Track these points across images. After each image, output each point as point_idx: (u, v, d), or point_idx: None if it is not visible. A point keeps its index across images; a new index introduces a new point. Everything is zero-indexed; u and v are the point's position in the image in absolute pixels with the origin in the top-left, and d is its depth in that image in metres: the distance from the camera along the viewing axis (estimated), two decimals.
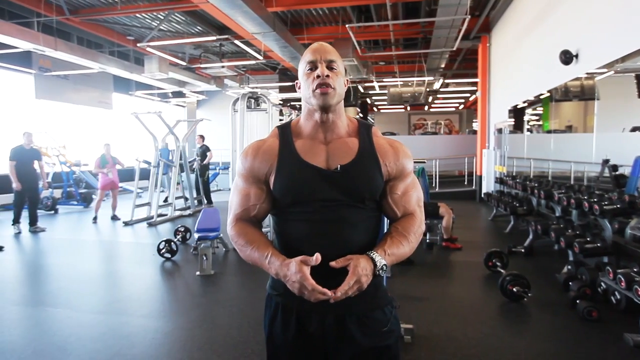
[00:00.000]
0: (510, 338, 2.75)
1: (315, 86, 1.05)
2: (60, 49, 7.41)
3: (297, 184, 1.07)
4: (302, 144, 1.11)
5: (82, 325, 3.01)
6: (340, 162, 1.07)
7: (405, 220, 1.13)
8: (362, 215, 1.09)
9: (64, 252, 5.32)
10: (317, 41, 1.14)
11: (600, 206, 3.51)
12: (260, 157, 1.12)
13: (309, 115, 1.12)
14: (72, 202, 9.15)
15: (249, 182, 1.13)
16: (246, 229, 1.12)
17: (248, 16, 6.18)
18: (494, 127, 8.75)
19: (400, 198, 1.14)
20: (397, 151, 1.14)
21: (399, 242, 1.08)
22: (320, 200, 1.05)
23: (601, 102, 4.57)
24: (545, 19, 5.79)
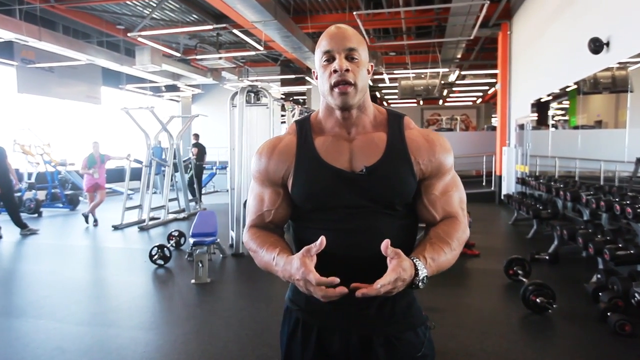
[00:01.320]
0: (533, 354, 2.73)
1: (333, 83, 0.98)
2: (45, 39, 7.46)
3: (316, 189, 1.02)
4: (322, 142, 1.05)
5: (67, 337, 3.02)
6: (365, 163, 1.01)
7: (446, 224, 1.05)
8: (392, 223, 1.03)
9: (48, 259, 5.35)
10: (322, 30, 1.10)
11: (633, 209, 3.48)
12: (276, 157, 1.08)
13: (329, 111, 1.07)
14: (57, 205, 9.21)
15: (264, 185, 1.10)
16: (258, 233, 1.10)
17: (247, 3, 6.19)
18: (515, 123, 8.71)
19: (439, 199, 1.06)
20: (433, 145, 1.05)
21: (441, 249, 0.99)
22: (344, 207, 1.00)
23: (635, 94, 4.52)
24: (572, 4, 5.75)
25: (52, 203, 9.22)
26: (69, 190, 9.67)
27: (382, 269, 0.94)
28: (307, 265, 0.90)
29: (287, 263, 0.95)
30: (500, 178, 9.41)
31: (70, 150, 10.72)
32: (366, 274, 0.94)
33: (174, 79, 12.14)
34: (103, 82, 11.99)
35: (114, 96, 13.22)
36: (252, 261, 1.11)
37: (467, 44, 9.95)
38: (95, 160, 7.26)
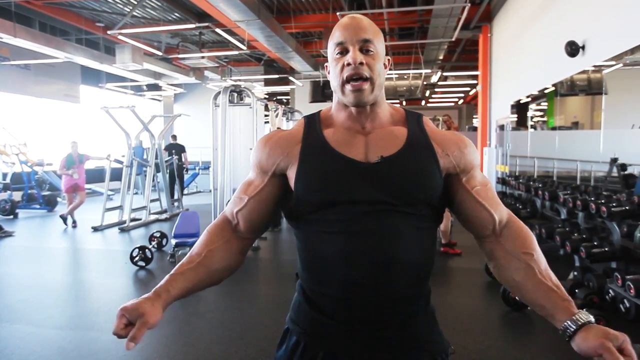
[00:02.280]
0: (513, 350, 2.78)
1: (346, 78, 0.87)
2: (20, 36, 7.26)
3: (327, 181, 0.87)
4: (333, 133, 0.93)
5: (45, 342, 2.94)
6: (382, 153, 0.88)
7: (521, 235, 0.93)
8: (413, 227, 0.88)
9: (24, 261, 5.22)
10: (305, 30, 1.07)
11: (608, 208, 3.58)
12: (273, 142, 0.95)
13: (342, 105, 0.95)
14: (34, 206, 8.98)
15: (254, 172, 0.99)
16: (213, 234, 0.97)
17: (230, 2, 6.15)
18: (495, 124, 8.87)
19: (485, 192, 0.93)
20: (460, 139, 0.95)
21: (550, 272, 0.90)
22: (358, 203, 0.85)
23: (609, 96, 4.66)
24: (549, 8, 5.89)
25: (29, 204, 8.99)
26: (46, 191, 9.43)
27: (409, 279, 0.87)
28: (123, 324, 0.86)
29: (145, 296, 0.89)
30: None
31: (48, 150, 10.47)
32: (388, 286, 0.85)
33: (156, 78, 11.97)
34: (82, 80, 11.75)
35: (94, 95, 12.97)
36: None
37: (448, 46, 10.10)
38: (74, 160, 7.10)
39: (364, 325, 0.88)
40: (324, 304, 0.91)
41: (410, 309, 0.90)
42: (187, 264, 0.91)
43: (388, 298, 0.86)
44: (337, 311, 0.89)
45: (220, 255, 0.95)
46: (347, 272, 0.85)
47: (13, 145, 9.06)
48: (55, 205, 9.12)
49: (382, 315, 0.87)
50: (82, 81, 11.79)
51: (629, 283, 2.82)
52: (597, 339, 0.75)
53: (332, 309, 0.90)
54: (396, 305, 0.88)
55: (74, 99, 11.54)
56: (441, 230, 5.04)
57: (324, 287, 0.90)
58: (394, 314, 0.88)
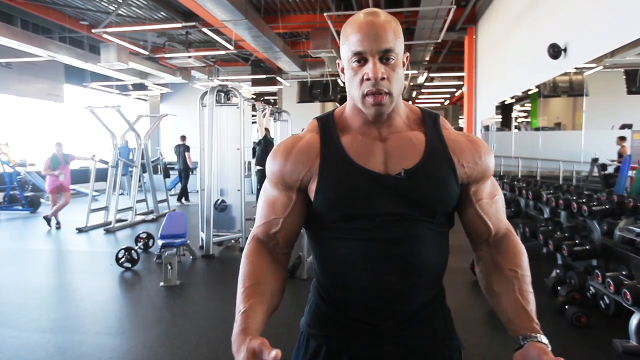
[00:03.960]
0: (497, 347, 2.82)
1: (366, 92, 0.85)
2: (1, 34, 7.11)
3: (347, 195, 0.87)
4: (351, 141, 0.91)
5: (28, 346, 2.89)
6: (403, 166, 0.88)
7: (512, 252, 0.96)
8: (433, 232, 0.91)
9: (6, 263, 5.10)
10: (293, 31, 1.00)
11: (588, 207, 3.65)
12: (294, 157, 0.92)
13: (358, 110, 0.92)
14: (16, 207, 8.80)
15: (277, 189, 0.94)
16: (253, 258, 0.92)
17: (217, 2, 6.12)
18: (480, 124, 8.98)
19: (490, 205, 0.96)
20: (478, 146, 0.94)
21: (530, 294, 0.92)
22: (380, 215, 0.87)
23: (590, 98, 4.76)
24: (533, 11, 5.99)
25: (11, 205, 8.80)
26: (29, 192, 9.25)
27: (429, 282, 0.91)
28: None
29: (238, 336, 0.81)
30: None
31: (31, 150, 10.26)
32: (409, 291, 0.89)
33: (142, 78, 11.83)
34: (66, 79, 11.55)
35: (78, 94, 12.75)
36: (222, 263, 1.08)
37: (435, 47, 10.19)
38: (60, 161, 6.99)
39: (387, 326, 0.90)
40: (346, 308, 0.92)
41: (429, 308, 0.94)
42: (250, 297, 0.86)
43: (411, 301, 0.90)
44: (360, 315, 0.91)
45: (273, 278, 0.92)
46: (372, 278, 0.87)
47: None
48: (38, 207, 8.95)
49: (404, 316, 0.90)
50: (66, 80, 11.58)
51: (609, 280, 2.88)
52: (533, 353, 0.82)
53: (355, 313, 0.91)
54: (417, 306, 0.91)
55: (57, 98, 11.33)
56: None
57: (347, 292, 0.91)
58: (415, 314, 0.91)
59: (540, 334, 0.86)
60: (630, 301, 2.65)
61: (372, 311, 0.90)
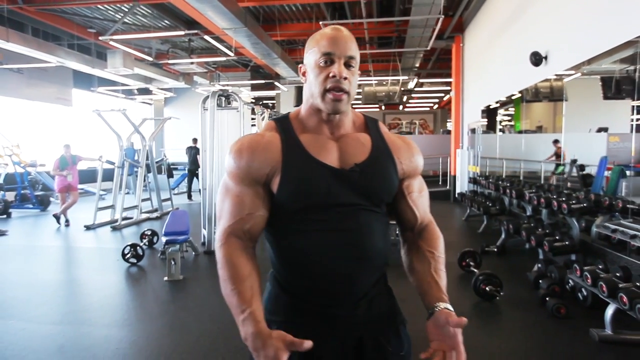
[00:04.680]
0: (483, 337, 2.84)
1: (329, 87, 0.91)
2: (13, 41, 7.04)
3: (310, 187, 0.92)
4: (308, 140, 0.96)
5: (39, 337, 2.87)
6: (355, 161, 0.95)
7: (432, 237, 1.05)
8: (379, 221, 0.98)
9: (17, 259, 5.07)
10: (290, 38, 1.04)
11: (568, 205, 3.68)
12: (260, 153, 0.94)
13: (313, 110, 0.98)
14: (27, 206, 8.74)
15: (244, 184, 0.95)
16: (236, 259, 0.92)
17: (218, 10, 6.10)
18: (467, 127, 9.01)
19: (419, 198, 1.06)
20: (411, 147, 1.05)
21: (443, 272, 1.00)
22: (337, 205, 0.92)
23: (569, 103, 4.79)
24: (516, 21, 6.02)
25: (22, 204, 8.74)
26: (39, 191, 9.18)
27: (376, 266, 0.97)
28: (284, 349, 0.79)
29: (258, 336, 0.81)
30: (454, 178, 9.70)
31: (41, 152, 10.19)
32: (361, 275, 0.94)
33: (147, 82, 11.76)
34: (74, 84, 11.46)
35: (86, 98, 12.66)
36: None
37: (424, 54, 10.22)
38: (68, 162, 6.95)
39: (342, 307, 0.95)
40: (305, 294, 0.96)
41: (376, 288, 1.01)
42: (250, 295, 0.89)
43: (362, 283, 0.95)
44: (318, 299, 0.95)
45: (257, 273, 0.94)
46: (329, 264, 0.91)
47: (6, 147, 8.81)
48: (48, 205, 8.89)
49: (356, 297, 0.95)
50: (75, 85, 11.49)
51: (586, 273, 2.91)
52: (441, 320, 0.89)
53: (313, 298, 0.95)
54: (367, 287, 0.97)
55: (66, 102, 11.25)
56: None
57: (306, 279, 0.95)
58: (365, 295, 0.97)
59: (447, 303, 0.93)
60: (606, 293, 2.67)
61: (329, 295, 0.94)
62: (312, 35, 0.98)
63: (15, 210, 8.44)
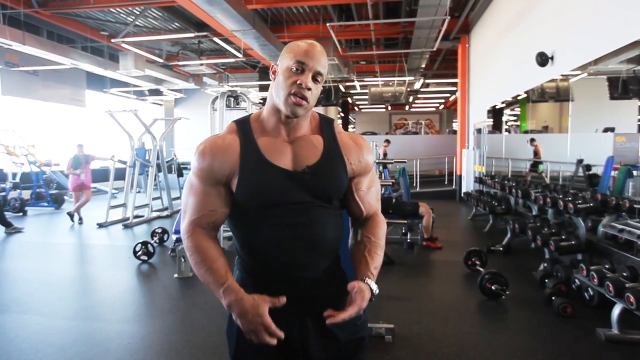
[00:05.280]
0: (489, 335, 2.82)
1: (293, 92, 1.00)
2: (29, 44, 7.13)
3: (264, 188, 1.01)
4: (265, 143, 1.05)
5: (53, 332, 2.91)
6: (306, 163, 1.04)
7: (373, 225, 1.15)
8: (330, 215, 1.08)
9: (33, 256, 5.14)
10: (298, 40, 1.09)
11: (574, 205, 3.64)
12: (220, 156, 1.03)
13: (275, 111, 1.06)
14: (42, 204, 8.85)
15: (207, 184, 1.04)
16: (204, 244, 1.04)
17: (227, 13, 6.11)
18: (473, 127, 8.94)
19: (365, 194, 1.15)
20: (361, 147, 1.13)
21: (377, 254, 1.11)
22: (290, 203, 1.02)
23: (575, 103, 4.73)
24: (522, 22, 5.96)
25: (37, 202, 8.86)
26: (53, 190, 9.29)
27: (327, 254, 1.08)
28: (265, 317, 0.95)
29: (242, 302, 0.97)
30: (460, 177, 9.64)
31: (55, 151, 10.31)
32: (314, 262, 1.05)
33: (157, 84, 11.83)
34: (87, 85, 11.57)
35: (99, 99, 12.78)
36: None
37: (430, 55, 10.14)
38: (81, 161, 7.02)
39: (297, 290, 1.04)
40: (268, 278, 1.07)
41: (329, 272, 1.11)
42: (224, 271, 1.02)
43: (316, 269, 1.06)
44: (277, 282, 1.05)
45: (223, 254, 1.07)
46: (286, 255, 1.02)
47: (22, 147, 8.92)
48: (62, 203, 8.99)
49: (312, 281, 1.06)
50: (88, 86, 11.61)
51: (593, 273, 2.87)
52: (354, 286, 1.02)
53: (275, 282, 1.06)
54: (321, 272, 1.08)
55: (79, 103, 11.37)
56: (423, 226, 5.07)
57: (267, 267, 1.06)
58: (320, 278, 1.07)
59: (370, 279, 1.05)
60: (613, 293, 2.64)
61: (289, 279, 1.05)
62: (289, 43, 1.06)
63: (31, 208, 8.55)
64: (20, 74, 9.31)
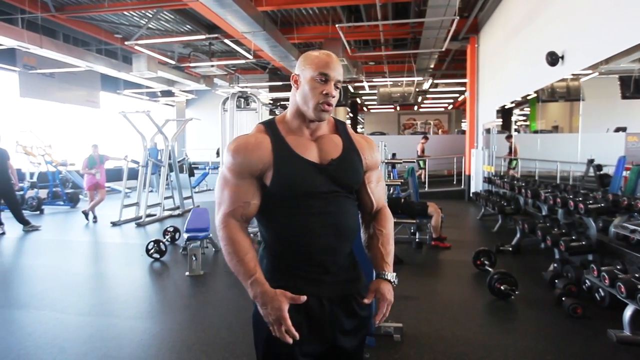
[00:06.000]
0: (498, 335, 2.79)
1: (321, 101, 1.12)
2: (46, 47, 7.27)
3: (297, 179, 1.11)
4: (292, 141, 1.15)
5: (69, 327, 2.96)
6: (331, 157, 1.15)
7: (383, 219, 1.28)
8: (351, 205, 1.21)
9: (50, 253, 5.23)
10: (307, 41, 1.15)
11: (585, 205, 3.58)
12: (255, 151, 1.12)
13: (299, 114, 1.17)
14: (59, 203, 9.00)
15: (241, 177, 1.12)
16: (237, 236, 1.12)
17: (238, 15, 6.15)
18: (482, 127, 8.85)
19: (375, 187, 1.28)
20: (371, 145, 1.27)
21: (389, 245, 1.25)
22: (320, 193, 1.12)
23: (586, 102, 4.66)
24: (532, 21, 5.88)
25: (54, 201, 9.00)
26: (69, 189, 9.44)
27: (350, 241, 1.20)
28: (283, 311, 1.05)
29: (266, 295, 1.07)
30: (469, 177, 9.55)
31: (71, 151, 10.47)
32: (339, 247, 1.16)
33: (169, 85, 11.96)
34: (102, 87, 11.73)
35: (112, 100, 12.94)
36: None
37: (439, 55, 10.07)
38: (96, 161, 7.12)
39: (324, 274, 1.15)
40: (294, 263, 1.15)
41: (349, 258, 1.22)
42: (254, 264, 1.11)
43: (340, 254, 1.17)
44: (305, 267, 1.14)
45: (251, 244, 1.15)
46: (317, 241, 1.11)
47: (39, 147, 9.08)
48: (77, 202, 9.13)
49: (336, 265, 1.16)
50: (102, 88, 11.77)
51: (604, 274, 2.82)
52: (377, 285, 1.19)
53: (301, 266, 1.14)
54: (343, 257, 1.18)
55: (94, 104, 11.53)
56: (432, 226, 5.03)
57: (297, 254, 1.14)
58: (342, 263, 1.18)
59: (388, 272, 1.21)
60: (624, 294, 2.59)
61: (315, 264, 1.13)
62: (306, 54, 1.17)
63: (48, 207, 8.69)
64: (38, 76, 9.48)
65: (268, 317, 1.07)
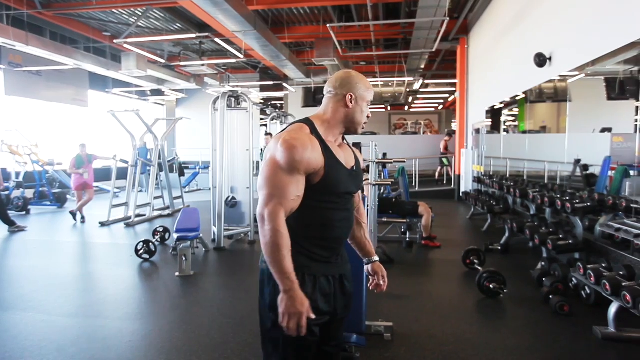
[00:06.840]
0: (487, 333, 2.82)
1: (364, 122, 1.39)
2: (32, 44, 7.13)
3: (340, 181, 1.31)
4: (330, 145, 1.33)
5: (55, 329, 2.91)
6: (351, 164, 1.38)
7: (362, 213, 1.58)
8: (352, 203, 1.45)
9: (36, 254, 5.14)
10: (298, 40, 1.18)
11: (572, 204, 3.63)
12: (313, 153, 1.23)
13: (339, 125, 1.36)
14: (45, 203, 8.86)
15: (298, 173, 1.22)
16: (285, 231, 1.20)
17: (228, 14, 6.11)
18: (472, 127, 8.94)
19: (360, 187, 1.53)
20: (361, 153, 1.58)
21: (368, 234, 1.63)
22: (346, 193, 1.35)
23: (573, 103, 4.73)
24: (520, 23, 5.95)
25: (40, 201, 8.86)
26: (56, 189, 9.30)
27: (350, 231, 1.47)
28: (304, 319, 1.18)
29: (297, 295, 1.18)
30: (459, 177, 9.64)
31: (58, 151, 10.31)
32: (346, 235, 1.43)
33: (159, 84, 11.83)
34: (90, 85, 11.58)
35: (101, 99, 12.79)
36: (233, 255, 1.13)
37: (429, 56, 10.13)
38: (84, 160, 7.03)
39: (333, 257, 1.36)
40: (314, 249, 1.31)
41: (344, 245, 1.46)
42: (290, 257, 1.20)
43: (344, 241, 1.44)
44: (321, 251, 1.32)
45: None
46: (339, 230, 1.35)
47: (25, 146, 8.94)
48: (65, 202, 9.00)
49: (340, 251, 1.41)
50: (90, 86, 11.61)
51: (590, 272, 2.87)
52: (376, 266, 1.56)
53: (317, 251, 1.31)
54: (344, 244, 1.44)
55: (82, 103, 11.37)
56: (422, 225, 5.06)
57: (320, 240, 1.32)
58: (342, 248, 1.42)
59: (375, 256, 1.57)
60: (609, 291, 2.64)
61: (331, 250, 1.35)
62: (362, 77, 1.37)
63: (34, 207, 8.55)
64: (24, 74, 9.32)
65: (288, 309, 1.17)
